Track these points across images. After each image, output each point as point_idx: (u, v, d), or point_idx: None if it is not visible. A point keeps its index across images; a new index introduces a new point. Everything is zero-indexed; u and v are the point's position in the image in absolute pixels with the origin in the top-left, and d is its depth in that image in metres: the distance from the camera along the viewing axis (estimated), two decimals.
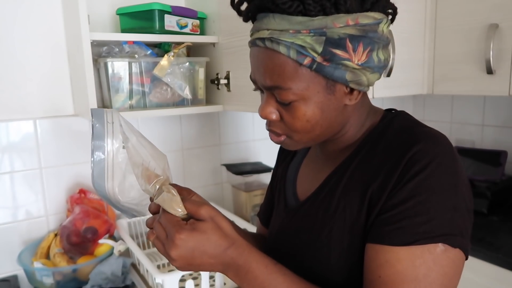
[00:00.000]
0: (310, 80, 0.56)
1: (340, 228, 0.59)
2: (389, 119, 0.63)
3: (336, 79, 0.55)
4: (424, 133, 0.57)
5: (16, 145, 1.19)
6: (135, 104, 1.15)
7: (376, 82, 0.61)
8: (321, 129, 0.60)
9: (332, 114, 0.59)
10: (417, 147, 0.54)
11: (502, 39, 1.21)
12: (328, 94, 0.57)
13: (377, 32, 0.56)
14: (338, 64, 0.54)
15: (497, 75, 1.24)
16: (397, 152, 0.56)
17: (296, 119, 0.59)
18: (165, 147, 1.43)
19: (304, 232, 0.65)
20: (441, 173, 0.53)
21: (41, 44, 1.17)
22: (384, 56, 0.58)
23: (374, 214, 0.55)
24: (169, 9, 1.10)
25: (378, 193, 0.55)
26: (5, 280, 1.17)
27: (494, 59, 1.21)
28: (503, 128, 1.70)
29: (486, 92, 1.31)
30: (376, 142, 0.60)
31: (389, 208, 0.54)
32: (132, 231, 1.32)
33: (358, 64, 0.55)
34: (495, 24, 1.21)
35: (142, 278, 1.13)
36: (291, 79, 0.56)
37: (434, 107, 1.94)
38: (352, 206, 0.58)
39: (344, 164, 0.63)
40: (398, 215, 0.53)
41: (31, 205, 1.22)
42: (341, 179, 0.61)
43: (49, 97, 1.20)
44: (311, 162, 0.73)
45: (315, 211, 0.64)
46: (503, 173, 1.56)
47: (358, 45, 0.54)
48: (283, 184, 0.76)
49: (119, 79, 1.11)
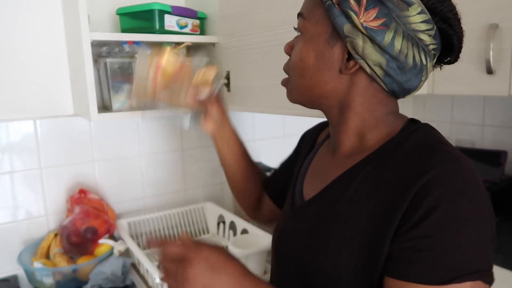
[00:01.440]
0: (321, 20, 0.58)
1: (339, 240, 0.57)
2: (410, 131, 0.58)
3: (336, 25, 0.55)
4: (446, 154, 0.52)
5: (16, 145, 1.19)
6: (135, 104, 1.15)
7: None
8: (311, 82, 0.60)
9: (325, 72, 0.59)
10: (436, 170, 0.50)
11: (502, 39, 1.21)
12: (327, 44, 0.58)
13: (401, 11, 0.53)
14: (345, 12, 0.54)
15: (497, 75, 1.24)
16: (413, 172, 0.51)
17: (294, 53, 0.62)
18: (165, 147, 1.43)
19: (305, 235, 0.63)
20: (466, 204, 0.49)
21: (41, 44, 1.17)
22: (404, 51, 0.54)
23: (387, 240, 0.51)
24: (169, 9, 1.10)
25: (390, 217, 0.51)
26: (5, 280, 1.17)
27: (494, 59, 1.21)
28: (503, 128, 1.70)
29: (486, 92, 1.31)
30: (390, 155, 0.56)
31: (409, 239, 0.49)
32: (132, 231, 1.32)
33: (363, 25, 0.53)
34: (495, 24, 1.21)
35: (142, 278, 1.13)
36: (310, 11, 0.59)
37: (434, 107, 1.94)
38: (355, 221, 0.56)
39: (353, 171, 0.59)
40: (423, 249, 0.48)
41: (31, 205, 1.22)
42: (347, 188, 0.58)
43: (49, 97, 1.20)
44: (321, 159, 0.71)
45: (317, 215, 0.62)
46: (503, 173, 1.56)
47: (373, 8, 0.53)
48: (296, 179, 0.74)
49: (119, 79, 1.11)
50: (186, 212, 1.42)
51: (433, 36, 0.55)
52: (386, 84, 0.57)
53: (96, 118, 0.98)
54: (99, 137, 1.30)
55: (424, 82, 0.59)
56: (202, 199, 1.52)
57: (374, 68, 0.56)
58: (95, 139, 1.30)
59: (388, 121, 0.61)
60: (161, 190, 1.44)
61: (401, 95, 0.60)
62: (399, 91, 0.58)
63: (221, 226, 1.41)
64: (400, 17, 0.53)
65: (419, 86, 0.59)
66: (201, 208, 1.45)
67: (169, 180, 1.45)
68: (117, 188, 1.36)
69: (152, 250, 0.58)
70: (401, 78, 0.56)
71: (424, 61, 0.56)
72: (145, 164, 1.40)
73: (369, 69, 0.56)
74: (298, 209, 0.68)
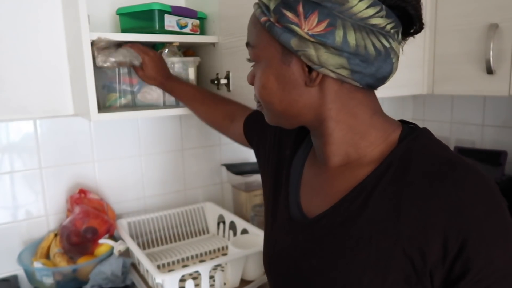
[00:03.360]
0: (268, 42, 0.56)
1: (362, 262, 0.53)
2: (412, 139, 0.56)
3: (282, 42, 0.53)
4: (466, 169, 0.50)
5: (16, 145, 1.19)
6: (124, 103, 1.14)
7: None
8: (281, 105, 0.58)
9: (291, 91, 0.56)
10: (464, 191, 0.48)
11: (502, 39, 1.21)
12: (283, 63, 0.55)
13: (341, 6, 0.50)
14: (286, 27, 0.52)
15: (497, 75, 1.24)
16: (438, 192, 0.49)
17: (256, 82, 0.60)
18: (165, 147, 1.43)
19: (315, 258, 0.58)
20: (498, 221, 0.48)
21: (41, 44, 1.17)
22: (361, 44, 0.51)
23: (427, 272, 0.49)
24: (169, 9, 1.10)
25: (422, 247, 0.49)
26: (5, 280, 1.17)
27: (494, 59, 1.21)
28: (503, 128, 1.70)
29: (486, 92, 1.31)
30: (403, 169, 0.53)
31: (464, 273, 0.48)
32: (132, 231, 1.32)
33: (309, 33, 0.50)
34: (495, 24, 1.21)
35: (142, 278, 1.13)
36: (256, 38, 0.58)
37: (434, 107, 1.94)
38: (380, 241, 0.52)
39: (365, 188, 0.55)
40: (480, 282, 0.47)
41: (31, 205, 1.22)
42: (365, 207, 0.54)
43: (49, 97, 1.20)
44: (311, 170, 0.66)
45: (331, 235, 0.57)
46: (503, 173, 1.56)
47: (312, 13, 0.50)
48: (287, 187, 0.69)
49: (111, 79, 1.12)
50: (186, 212, 1.42)
51: (386, 16, 0.52)
52: (358, 81, 0.54)
53: (96, 118, 0.98)
54: (99, 137, 1.30)
55: (397, 63, 0.56)
56: (202, 199, 1.52)
57: (338, 71, 0.53)
58: (95, 139, 1.30)
59: (377, 125, 0.58)
60: (161, 190, 1.44)
61: (379, 84, 0.57)
62: (374, 82, 0.55)
63: (221, 226, 1.41)
64: (343, 12, 0.50)
65: (394, 69, 0.56)
66: (201, 208, 1.45)
67: (169, 180, 1.45)
68: (117, 188, 1.36)
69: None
70: (370, 69, 0.53)
71: (387, 44, 0.53)
72: (145, 164, 1.40)
73: (333, 73, 0.53)
74: (302, 226, 0.62)
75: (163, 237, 1.37)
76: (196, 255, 1.30)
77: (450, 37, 1.40)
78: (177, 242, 1.38)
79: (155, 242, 1.36)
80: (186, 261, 1.27)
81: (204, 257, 1.30)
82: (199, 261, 1.27)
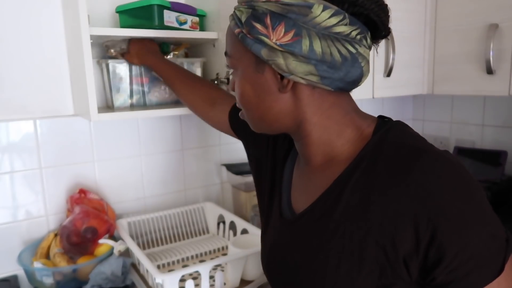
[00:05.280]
0: (242, 52, 0.59)
1: (337, 254, 0.55)
2: (385, 131, 0.57)
3: (254, 52, 0.57)
4: (435, 157, 0.51)
5: (16, 145, 1.19)
6: (135, 103, 1.16)
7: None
8: (259, 111, 0.61)
9: (266, 97, 0.59)
10: (432, 177, 0.49)
11: (502, 39, 1.21)
12: (257, 72, 0.59)
13: (305, 16, 0.53)
14: (257, 38, 0.55)
15: (497, 75, 1.24)
16: (405, 180, 0.50)
17: (235, 90, 0.63)
18: (165, 147, 1.43)
19: (299, 252, 0.62)
20: (468, 205, 0.49)
21: (41, 44, 1.17)
22: (327, 51, 0.53)
23: (401, 258, 0.50)
24: (168, 4, 1.09)
25: (397, 234, 0.50)
26: (5, 280, 1.17)
27: (494, 59, 1.21)
28: (503, 128, 1.70)
29: (486, 92, 1.31)
30: (374, 160, 0.55)
31: (444, 273, 0.49)
32: (132, 231, 1.32)
33: (277, 43, 0.54)
34: (495, 24, 1.21)
35: (142, 278, 1.13)
36: (232, 48, 0.62)
37: (434, 107, 1.94)
38: (353, 233, 0.54)
39: (340, 183, 0.58)
40: (453, 270, 0.48)
41: (31, 205, 1.22)
42: (338, 201, 0.57)
43: (49, 97, 1.20)
44: (299, 171, 0.69)
45: (310, 230, 0.60)
46: (503, 173, 1.56)
47: (279, 24, 0.53)
48: (280, 188, 0.72)
49: (120, 79, 1.13)
50: (186, 212, 1.42)
51: (350, 24, 0.54)
52: (328, 85, 0.57)
53: (96, 118, 0.98)
54: (99, 137, 1.30)
55: (368, 66, 0.58)
56: (202, 199, 1.52)
57: (307, 77, 0.55)
58: (95, 139, 1.30)
59: (352, 124, 0.60)
60: (161, 190, 1.44)
61: (350, 87, 0.59)
62: (345, 85, 0.57)
63: (221, 226, 1.41)
64: (307, 22, 0.53)
65: (364, 72, 0.58)
66: (201, 208, 1.45)
67: (169, 180, 1.46)
68: (117, 188, 1.36)
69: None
70: (338, 74, 0.55)
71: (353, 49, 0.55)
72: (145, 164, 1.40)
73: (303, 80, 0.56)
74: (288, 222, 0.66)
75: (163, 237, 1.37)
76: (196, 255, 1.30)
77: (450, 37, 1.40)
78: (177, 242, 1.38)
79: (155, 242, 1.36)
80: (186, 261, 1.27)
81: (204, 257, 1.30)
82: (199, 261, 1.27)
